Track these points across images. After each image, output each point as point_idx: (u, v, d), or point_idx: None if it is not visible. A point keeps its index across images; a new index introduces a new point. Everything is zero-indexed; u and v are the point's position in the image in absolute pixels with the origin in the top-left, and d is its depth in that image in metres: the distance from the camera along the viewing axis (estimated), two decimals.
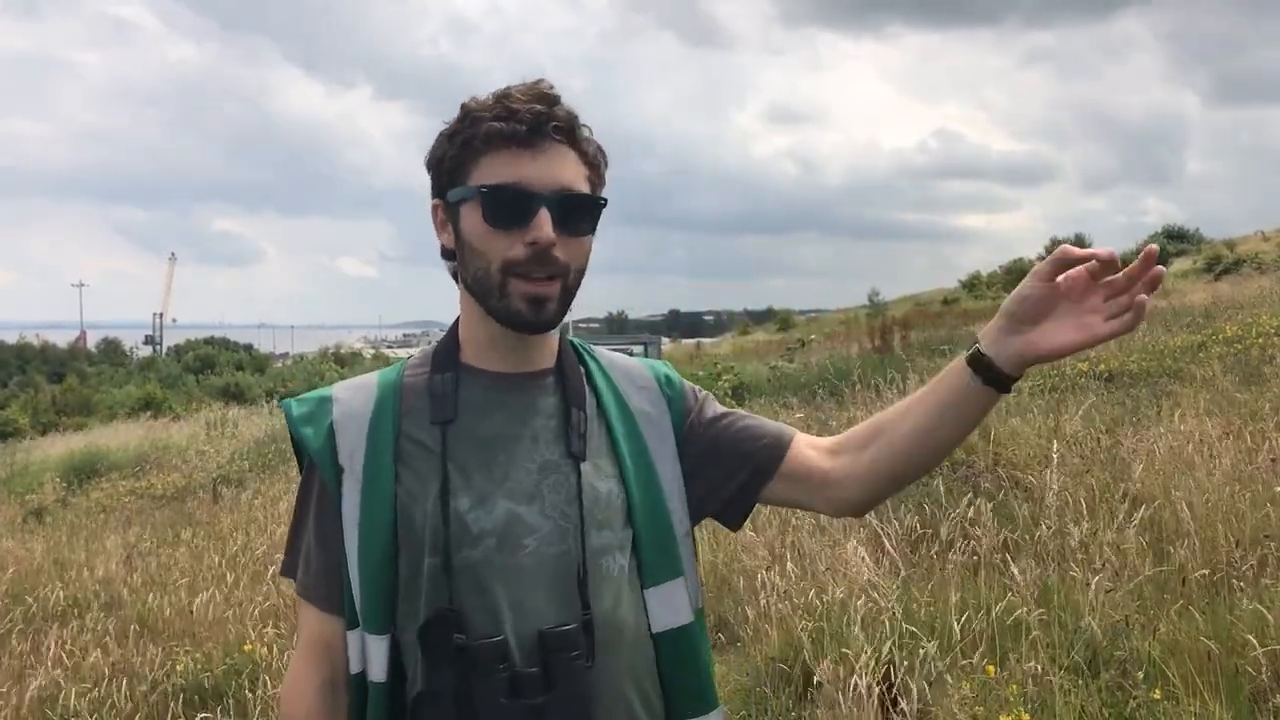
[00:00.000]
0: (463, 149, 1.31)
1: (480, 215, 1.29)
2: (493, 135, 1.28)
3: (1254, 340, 10.67)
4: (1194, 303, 18.12)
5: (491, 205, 1.28)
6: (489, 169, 1.29)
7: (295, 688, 1.39)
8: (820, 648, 4.08)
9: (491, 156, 1.29)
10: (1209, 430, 6.40)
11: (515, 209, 1.27)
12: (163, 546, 8.69)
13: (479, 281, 1.32)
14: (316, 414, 1.38)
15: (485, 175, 1.29)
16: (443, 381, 1.37)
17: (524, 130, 1.27)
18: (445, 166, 1.33)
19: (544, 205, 1.27)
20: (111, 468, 16.39)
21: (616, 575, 1.34)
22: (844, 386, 11.63)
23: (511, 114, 1.27)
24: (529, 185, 1.27)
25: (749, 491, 1.46)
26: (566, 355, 1.43)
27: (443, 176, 1.34)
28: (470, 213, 1.30)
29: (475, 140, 1.29)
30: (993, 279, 48.28)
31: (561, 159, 1.30)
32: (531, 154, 1.28)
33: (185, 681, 4.77)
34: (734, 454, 1.45)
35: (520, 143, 1.28)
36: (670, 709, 1.38)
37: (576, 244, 1.32)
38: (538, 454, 1.34)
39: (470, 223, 1.31)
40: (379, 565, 1.30)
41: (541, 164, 1.28)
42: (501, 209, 1.28)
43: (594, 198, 1.34)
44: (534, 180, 1.28)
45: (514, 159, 1.28)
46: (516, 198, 1.27)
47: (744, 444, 1.46)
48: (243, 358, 49.46)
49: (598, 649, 1.30)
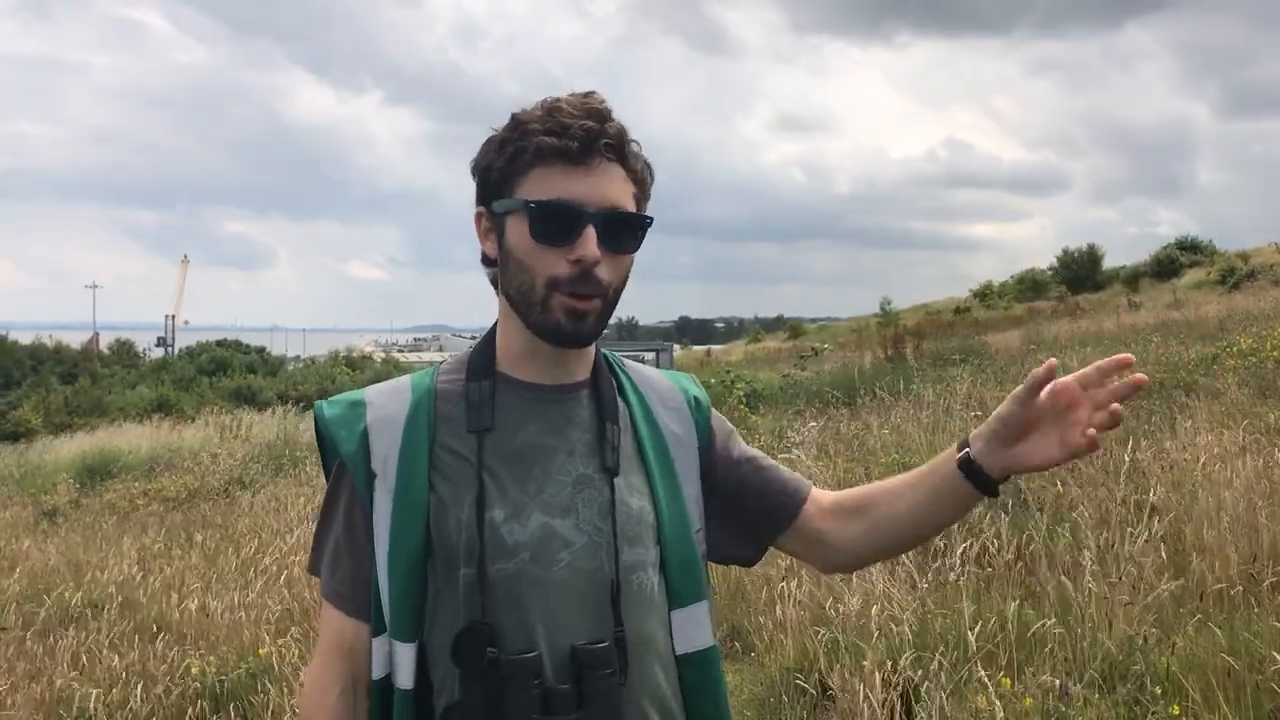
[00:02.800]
0: (512, 160, 1.30)
1: (527, 230, 1.28)
2: (544, 149, 1.27)
3: (1269, 353, 10.62)
4: (1208, 314, 18.06)
5: (539, 221, 1.27)
6: (538, 183, 1.29)
7: (315, 690, 1.39)
8: (835, 658, 4.08)
9: (541, 170, 1.29)
10: (1227, 443, 6.37)
11: (562, 226, 1.27)
12: (176, 549, 8.71)
13: (522, 295, 1.32)
14: (349, 417, 1.38)
15: (534, 190, 1.29)
16: (479, 389, 1.36)
17: (575, 146, 1.27)
18: (493, 177, 1.33)
19: (591, 223, 1.27)
20: (124, 469, 16.42)
21: (648, 593, 1.34)
22: (857, 396, 11.63)
23: (564, 129, 1.27)
24: (577, 202, 1.27)
25: (762, 545, 1.53)
26: (601, 368, 1.43)
27: (489, 185, 1.34)
28: (516, 225, 1.30)
29: (525, 153, 1.29)
30: (1005, 288, 48.23)
31: (610, 177, 1.30)
32: (583, 171, 1.28)
33: (201, 685, 4.78)
34: (755, 508, 1.49)
35: (571, 159, 1.28)
36: None
37: (619, 262, 1.33)
38: (573, 467, 1.34)
39: (516, 236, 1.31)
40: (409, 573, 1.30)
41: (591, 181, 1.28)
42: (549, 225, 1.27)
43: (640, 217, 1.34)
44: (582, 197, 1.27)
45: (564, 175, 1.28)
46: (564, 214, 1.27)
47: (765, 498, 1.50)
48: (255, 360, 49.55)
49: (630, 667, 1.29)
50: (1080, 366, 1.53)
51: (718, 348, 63.10)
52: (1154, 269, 42.92)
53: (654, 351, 15.51)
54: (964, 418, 8.18)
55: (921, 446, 7.66)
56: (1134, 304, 26.28)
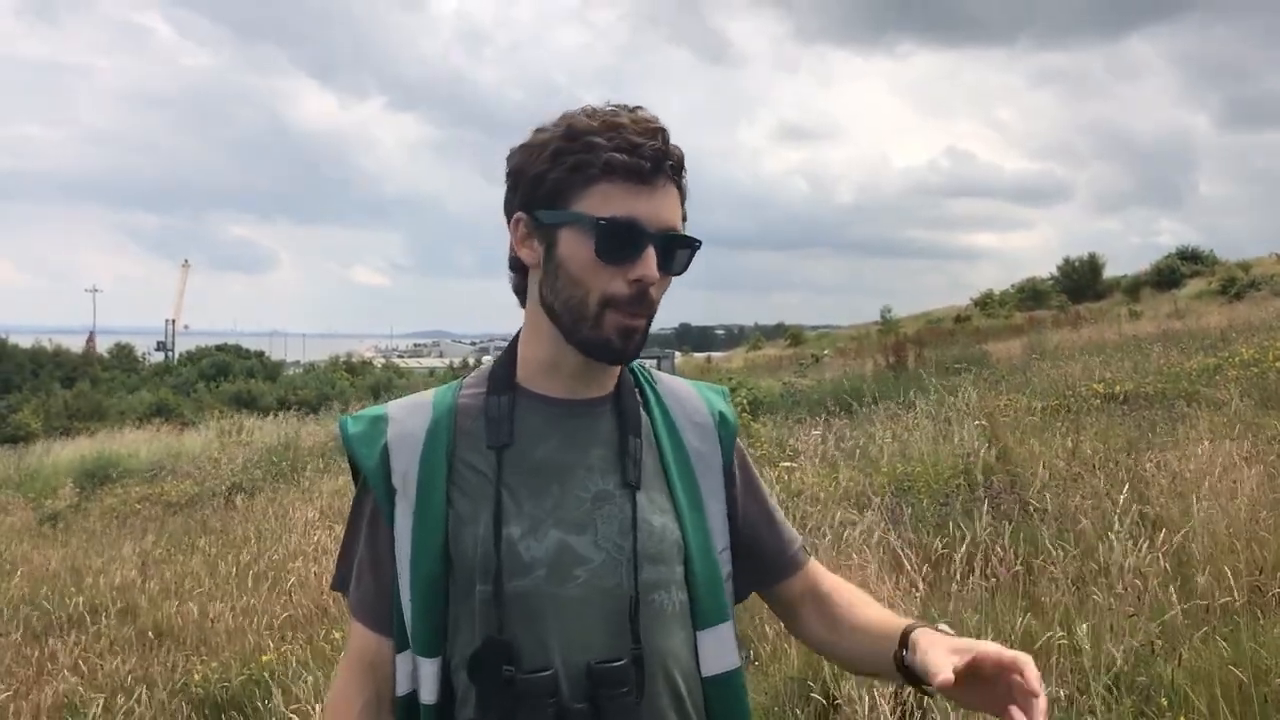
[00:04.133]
0: (573, 172, 1.28)
1: (591, 246, 1.26)
2: (615, 166, 1.26)
3: (1271, 364, 10.62)
4: (1210, 325, 18.07)
5: (606, 238, 1.26)
6: (604, 200, 1.27)
7: (339, 703, 1.39)
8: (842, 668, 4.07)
9: (605, 186, 1.27)
10: (1231, 454, 6.37)
11: (628, 245, 1.27)
12: (177, 554, 8.71)
13: (570, 309, 1.30)
14: (371, 433, 1.37)
15: (600, 206, 1.27)
16: (499, 404, 1.35)
17: (648, 167, 1.27)
18: (545, 186, 1.30)
19: (652, 244, 1.27)
20: (124, 474, 16.42)
21: (670, 612, 1.33)
22: (858, 404, 11.62)
23: (634, 147, 1.26)
24: (643, 223, 1.27)
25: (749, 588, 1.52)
26: (625, 381, 1.42)
27: (539, 193, 1.31)
28: (576, 239, 1.28)
29: (591, 166, 1.27)
30: (1006, 297, 48.27)
31: (670, 198, 1.31)
32: (648, 191, 1.28)
33: (204, 691, 4.77)
34: (754, 553, 1.49)
35: (640, 178, 1.27)
36: None
37: (667, 282, 1.33)
38: (592, 483, 1.33)
39: (574, 250, 1.28)
40: (430, 589, 1.29)
41: (654, 202, 1.28)
42: (614, 243, 1.26)
43: (695, 240, 1.33)
44: (647, 218, 1.27)
45: (631, 193, 1.27)
46: (631, 234, 1.26)
47: (762, 547, 1.50)
48: (255, 365, 49.55)
49: (647, 686, 1.28)
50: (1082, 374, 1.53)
51: (718, 355, 63.14)
52: (1155, 279, 42.98)
53: (655, 359, 15.48)
54: (966, 427, 8.16)
55: (924, 456, 7.65)
56: (1135, 313, 26.30)
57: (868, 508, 6.20)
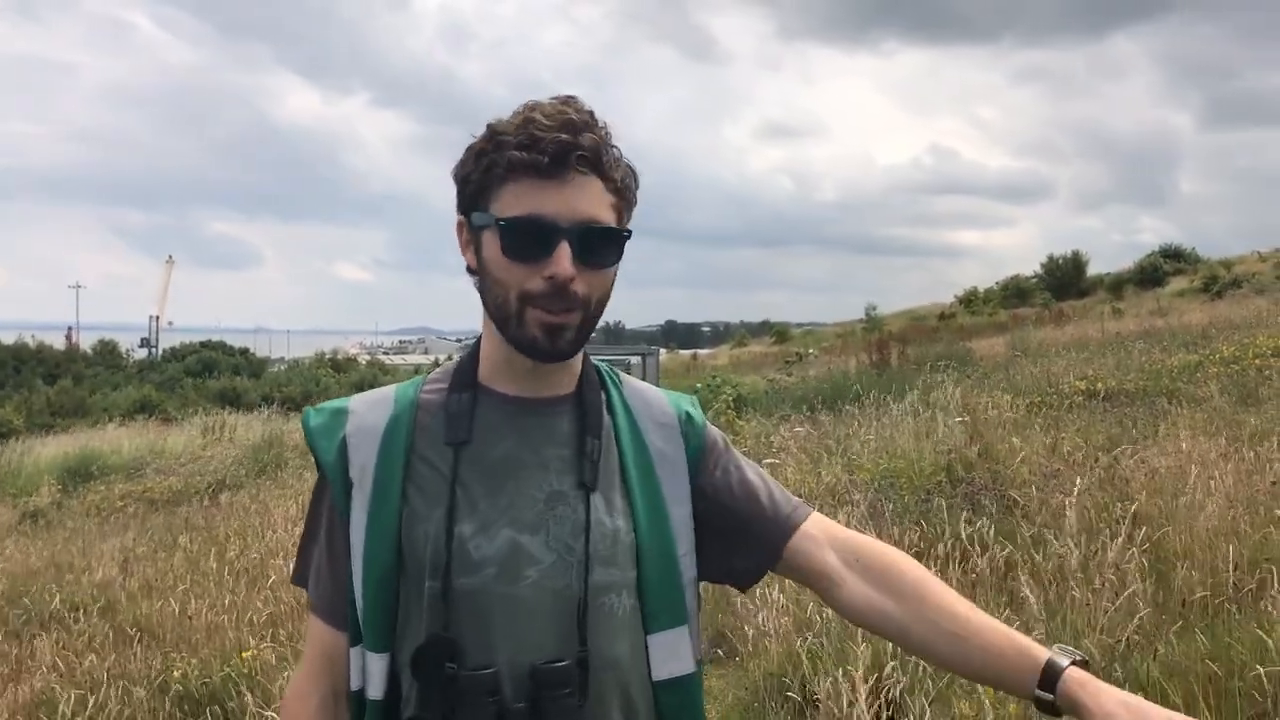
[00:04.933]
0: (486, 173, 1.27)
1: (499, 246, 1.26)
2: (515, 164, 1.24)
3: (1251, 361, 10.70)
4: (1192, 323, 18.18)
5: (510, 238, 1.25)
6: (509, 199, 1.26)
7: (295, 699, 1.39)
8: (819, 664, 4.08)
9: (513, 185, 1.25)
10: (1207, 450, 6.41)
11: (534, 242, 1.24)
12: (160, 551, 8.67)
13: (498, 309, 1.29)
14: (331, 426, 1.36)
15: (505, 205, 1.26)
16: (459, 401, 1.34)
17: (546, 161, 1.23)
18: (469, 188, 1.30)
19: (564, 239, 1.24)
20: (107, 470, 16.34)
21: (620, 615, 1.31)
22: (842, 401, 11.64)
23: (535, 142, 1.23)
24: (549, 218, 1.24)
25: (756, 571, 1.46)
26: (588, 380, 1.40)
27: (467, 196, 1.31)
28: (490, 241, 1.28)
29: (499, 166, 1.26)
30: (990, 295, 48.45)
31: (585, 190, 1.26)
32: (555, 185, 1.24)
33: (183, 689, 4.75)
34: (746, 533, 1.43)
35: (542, 173, 1.24)
36: None
37: (598, 276, 1.29)
38: (546, 483, 1.32)
39: (490, 251, 1.28)
40: (381, 584, 1.29)
41: (564, 195, 1.25)
42: (520, 242, 1.25)
43: (617, 230, 1.30)
44: (555, 213, 1.24)
45: (535, 190, 1.24)
46: (536, 231, 1.24)
47: (754, 522, 1.43)
48: (239, 362, 49.36)
49: (592, 688, 1.27)
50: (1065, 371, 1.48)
51: (704, 352, 63.16)
52: (1138, 276, 43.21)
53: (639, 356, 15.48)
54: (948, 424, 8.19)
55: (907, 452, 7.67)
56: (1118, 311, 26.41)
57: (849, 504, 6.22)
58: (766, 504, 1.44)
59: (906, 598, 1.37)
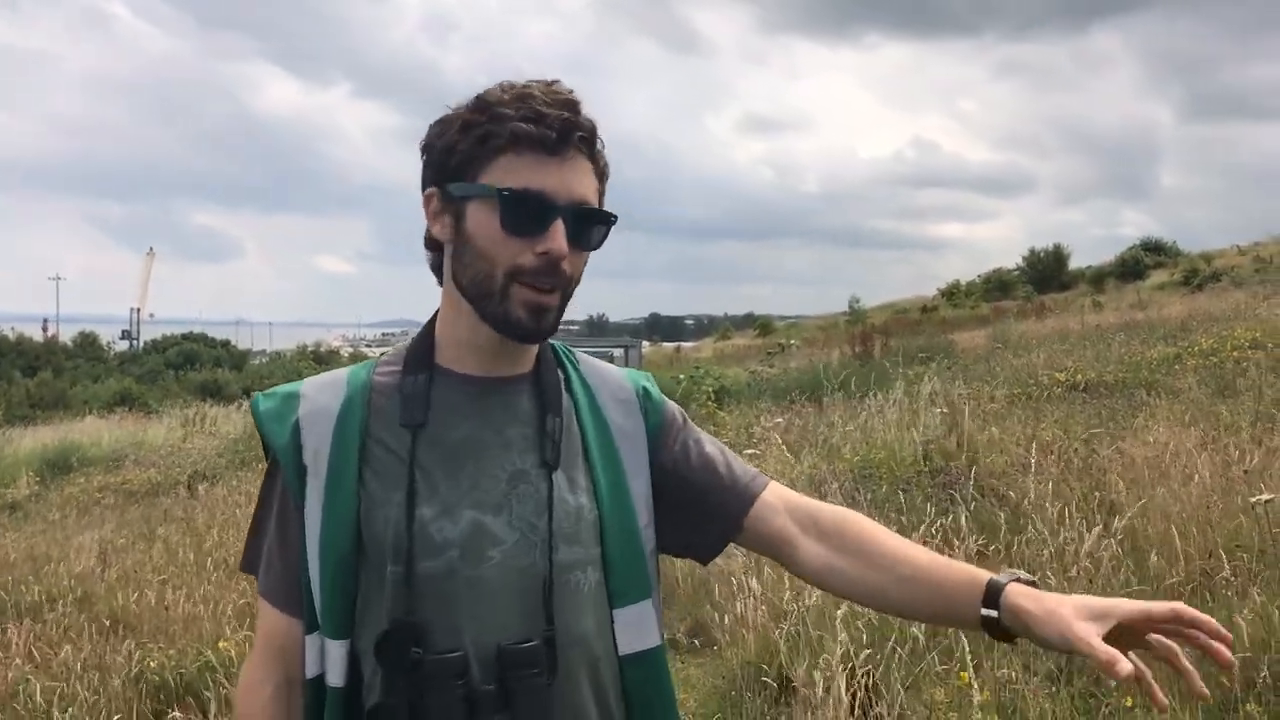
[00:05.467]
0: (480, 144, 1.25)
1: (496, 218, 1.24)
2: (520, 136, 1.23)
3: (1228, 353, 10.77)
4: (1171, 315, 18.30)
5: (510, 210, 1.23)
6: (509, 171, 1.24)
7: (250, 688, 1.36)
8: (796, 652, 4.09)
9: (513, 158, 1.24)
10: (1185, 441, 6.45)
11: (534, 217, 1.24)
12: (138, 542, 8.63)
13: (479, 283, 1.27)
14: (283, 411, 1.34)
15: (505, 177, 1.24)
16: (415, 383, 1.32)
17: (553, 137, 1.23)
18: (454, 159, 1.27)
19: (561, 216, 1.24)
20: (86, 462, 16.26)
21: (585, 592, 1.31)
22: (824, 392, 11.67)
23: (540, 117, 1.23)
24: (550, 195, 1.23)
25: (718, 542, 1.46)
26: (546, 359, 1.39)
27: (448, 167, 1.28)
28: (481, 212, 1.25)
29: (497, 137, 1.24)
30: (972, 288, 48.65)
31: (581, 170, 1.27)
32: (556, 162, 1.24)
33: (159, 679, 4.73)
34: (706, 504, 1.43)
35: (546, 149, 1.23)
36: None
37: (581, 257, 1.30)
38: (508, 462, 1.31)
39: (480, 222, 1.26)
40: (339, 570, 1.27)
41: (563, 174, 1.25)
42: (519, 215, 1.23)
43: (607, 214, 1.31)
44: (555, 190, 1.24)
45: (538, 165, 1.24)
46: (536, 206, 1.23)
47: (715, 494, 1.43)
48: (221, 354, 49.21)
49: (561, 666, 1.26)
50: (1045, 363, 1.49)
51: (688, 345, 63.27)
52: (1119, 270, 43.45)
53: (622, 348, 15.47)
54: (928, 414, 8.22)
55: (887, 444, 7.69)
56: (1098, 304, 26.55)
57: (828, 494, 6.23)
58: (725, 475, 1.44)
59: (859, 550, 1.39)
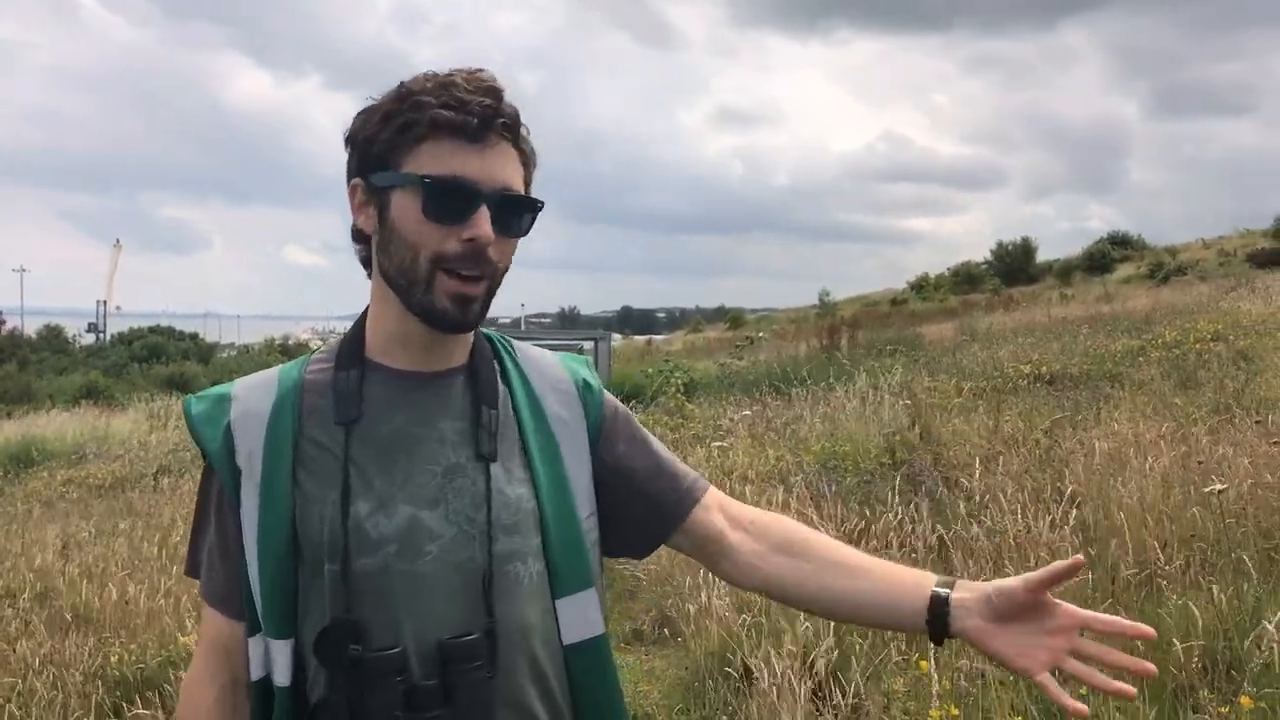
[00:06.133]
0: (401, 132, 1.24)
1: (419, 206, 1.23)
2: (440, 123, 1.22)
3: (1191, 345, 10.89)
4: (1136, 308, 18.47)
5: (433, 197, 1.22)
6: (431, 158, 1.23)
7: (194, 690, 1.36)
8: (758, 642, 4.12)
9: (434, 145, 1.23)
10: (1145, 432, 6.52)
11: (457, 204, 1.23)
12: (101, 537, 8.55)
13: (403, 272, 1.26)
14: (214, 413, 1.33)
15: (427, 164, 1.23)
16: (347, 379, 1.31)
17: (475, 123, 1.23)
18: (376, 147, 1.27)
19: (485, 203, 1.23)
20: (49, 456, 16.10)
21: (526, 583, 1.30)
22: (791, 386, 11.72)
23: (461, 104, 1.22)
24: (473, 181, 1.23)
25: (651, 539, 1.47)
26: (481, 350, 1.38)
27: (371, 157, 1.28)
28: (405, 200, 1.25)
29: (418, 126, 1.23)
30: (941, 281, 48.92)
31: (504, 157, 1.26)
32: (478, 149, 1.24)
33: (120, 673, 4.70)
34: (646, 501, 1.43)
35: (468, 135, 1.23)
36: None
37: (508, 245, 1.29)
38: (443, 456, 1.30)
39: (403, 211, 1.25)
40: (278, 570, 1.26)
41: (486, 160, 1.24)
42: (443, 202, 1.23)
43: (533, 200, 1.30)
44: (478, 176, 1.23)
45: (459, 152, 1.23)
46: (460, 192, 1.23)
47: (657, 492, 1.44)
48: (188, 347, 48.83)
49: (503, 659, 1.26)
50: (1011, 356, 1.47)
51: (659, 338, 63.27)
52: (1086, 263, 43.82)
53: (592, 341, 15.42)
54: (893, 406, 8.28)
55: (853, 435, 7.74)
56: (1066, 297, 26.75)
57: (793, 486, 6.26)
58: (667, 474, 1.45)
59: (797, 554, 1.42)
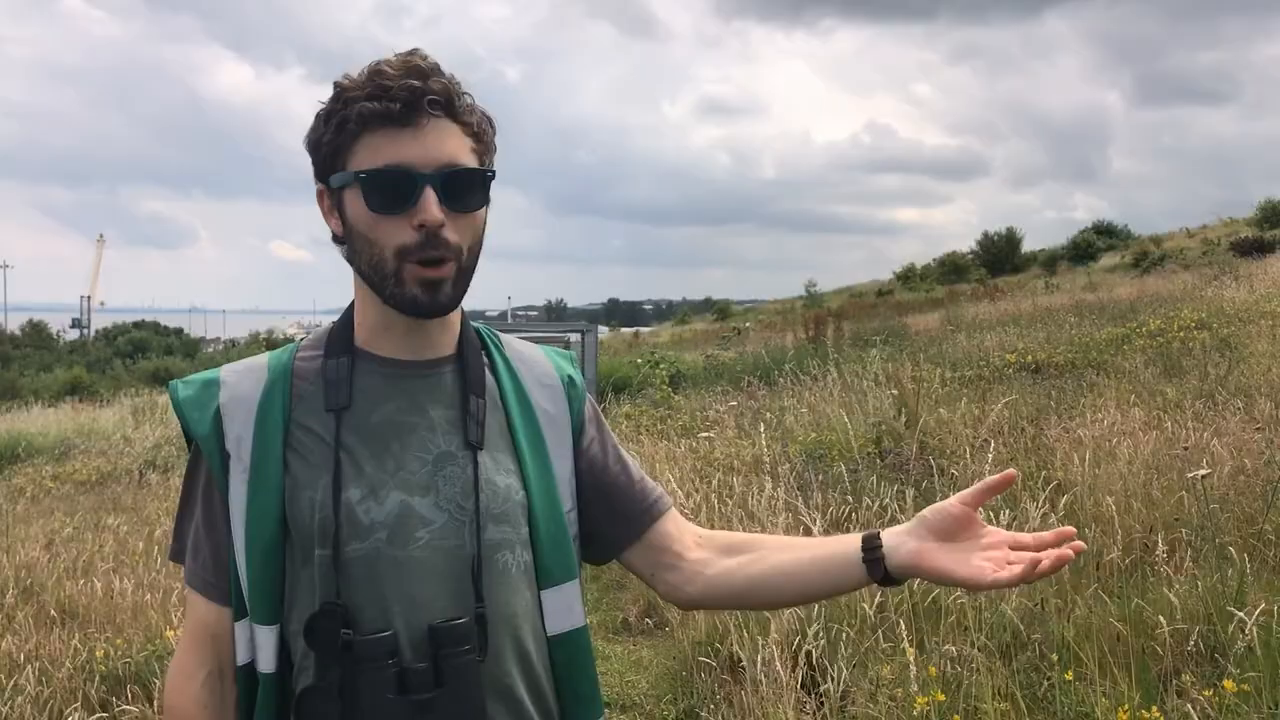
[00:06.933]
0: (338, 132, 1.25)
1: (363, 202, 1.24)
2: (367, 116, 1.23)
3: (1175, 334, 10.94)
4: (1120, 297, 18.53)
5: (373, 190, 1.23)
6: (367, 152, 1.24)
7: (179, 677, 1.35)
8: (745, 631, 4.13)
9: (368, 138, 1.24)
10: (1129, 420, 6.55)
11: (398, 192, 1.23)
12: (86, 532, 8.52)
13: (374, 269, 1.27)
14: (202, 397, 1.33)
15: (363, 159, 1.24)
16: (337, 366, 1.32)
17: (398, 108, 1.22)
18: (323, 150, 1.28)
19: (428, 185, 1.23)
20: (34, 453, 16.01)
21: (514, 572, 1.31)
22: (777, 376, 11.74)
23: (384, 92, 1.22)
24: (410, 165, 1.23)
25: (612, 547, 1.49)
26: (469, 341, 1.39)
27: (323, 160, 1.29)
28: (353, 199, 1.26)
29: (349, 122, 1.24)
30: (927, 271, 49.00)
31: (442, 134, 1.25)
32: (412, 132, 1.23)
33: (105, 669, 4.68)
34: (612, 508, 1.45)
35: (396, 122, 1.23)
36: (562, 710, 1.36)
37: (468, 220, 1.28)
38: (434, 444, 1.31)
39: (355, 210, 1.26)
40: (266, 556, 1.27)
41: (421, 142, 1.24)
42: (384, 193, 1.23)
43: (480, 170, 1.29)
44: (415, 160, 1.23)
45: (392, 139, 1.23)
46: (398, 180, 1.23)
47: (625, 501, 1.46)
48: (173, 342, 48.68)
49: (491, 644, 1.27)
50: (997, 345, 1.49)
51: (646, 330, 63.28)
52: (1071, 252, 43.93)
53: (578, 333, 15.44)
54: (878, 395, 8.30)
55: (838, 424, 7.75)
56: (1051, 286, 26.82)
57: (779, 475, 6.27)
58: (637, 484, 1.49)
59: (740, 550, 1.46)
